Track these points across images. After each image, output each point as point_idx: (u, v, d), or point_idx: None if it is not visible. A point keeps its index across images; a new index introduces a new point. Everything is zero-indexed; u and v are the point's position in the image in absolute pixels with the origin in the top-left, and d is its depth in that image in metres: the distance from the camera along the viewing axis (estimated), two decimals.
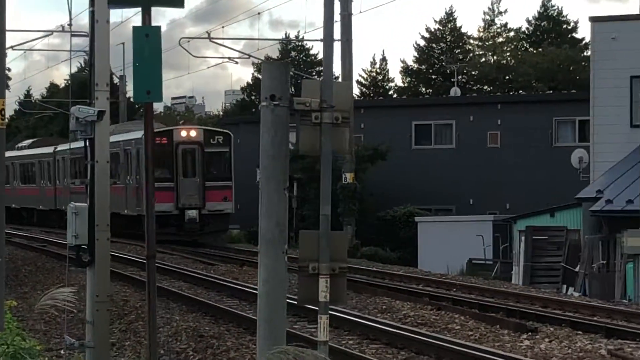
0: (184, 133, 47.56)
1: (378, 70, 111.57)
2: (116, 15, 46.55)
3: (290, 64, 57.50)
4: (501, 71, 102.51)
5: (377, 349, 20.91)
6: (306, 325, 22.22)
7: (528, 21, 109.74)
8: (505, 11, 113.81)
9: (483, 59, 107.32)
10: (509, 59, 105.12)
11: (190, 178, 44.51)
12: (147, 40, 11.42)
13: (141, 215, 44.49)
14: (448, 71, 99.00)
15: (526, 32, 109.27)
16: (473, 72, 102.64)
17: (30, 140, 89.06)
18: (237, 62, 66.07)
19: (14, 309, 20.03)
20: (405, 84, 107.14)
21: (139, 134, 46.87)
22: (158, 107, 72.98)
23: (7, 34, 17.76)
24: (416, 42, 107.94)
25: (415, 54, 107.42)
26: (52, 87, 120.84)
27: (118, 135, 53.12)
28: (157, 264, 31.64)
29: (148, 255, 11.45)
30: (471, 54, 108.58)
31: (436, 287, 34.06)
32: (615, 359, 19.72)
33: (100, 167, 12.79)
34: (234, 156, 51.37)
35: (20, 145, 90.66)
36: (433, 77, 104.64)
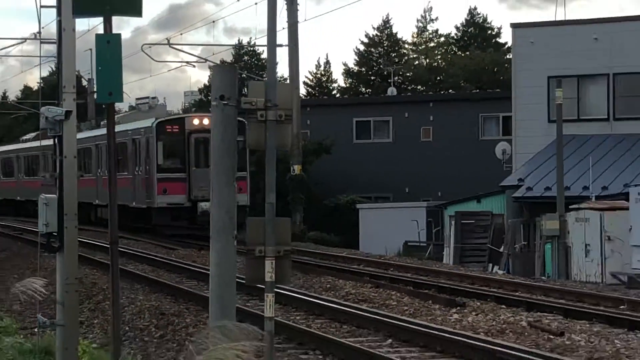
0: (196, 121, 43.31)
1: (322, 73, 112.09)
2: (84, 24, 45.32)
3: (238, 67, 57.02)
4: (433, 73, 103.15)
5: (322, 324, 20.90)
6: (258, 302, 22.14)
7: (457, 27, 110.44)
8: (437, 19, 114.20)
9: (417, 62, 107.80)
10: (439, 61, 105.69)
11: (203, 168, 39.65)
12: (109, 46, 11.36)
13: (151, 207, 42.72)
14: (385, 73, 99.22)
15: (455, 37, 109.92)
16: (408, 74, 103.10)
17: (34, 133, 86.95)
18: (194, 66, 65.66)
19: None
20: (347, 85, 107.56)
21: (148, 122, 44.74)
22: (123, 106, 71.83)
23: None
24: (356, 47, 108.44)
25: (356, 57, 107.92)
26: (26, 90, 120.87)
27: (125, 124, 48.91)
28: (123, 249, 31.71)
29: (111, 241, 11.37)
30: (406, 57, 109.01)
31: (375, 267, 34.11)
32: (534, 330, 19.81)
33: (68, 161, 12.68)
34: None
35: (24, 138, 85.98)
36: (372, 78, 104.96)
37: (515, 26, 54.06)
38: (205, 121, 42.25)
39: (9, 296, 15.50)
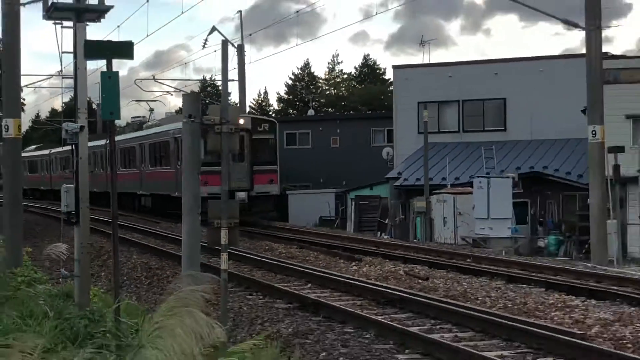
0: None
1: (262, 99, 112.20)
2: (93, 64, 44.49)
3: (202, 95, 55.96)
4: (339, 99, 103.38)
5: (262, 274, 20.94)
6: (217, 260, 22.10)
7: (355, 68, 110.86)
8: (342, 62, 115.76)
9: (328, 92, 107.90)
10: (344, 91, 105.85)
11: (239, 162, 35.11)
12: (110, 80, 11.21)
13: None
14: (306, 99, 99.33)
15: (354, 75, 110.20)
16: (322, 100, 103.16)
17: (34, 146, 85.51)
18: (172, 94, 64.83)
19: (30, 253, 19.65)
20: (279, 108, 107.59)
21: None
22: (120, 122, 71.08)
23: (22, 77, 17.46)
24: (286, 81, 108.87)
25: (286, 88, 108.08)
26: (53, 111, 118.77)
27: (168, 125, 43.33)
28: (122, 223, 31.40)
29: (113, 216, 11.24)
30: (320, 89, 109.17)
31: (299, 234, 34.01)
32: (408, 276, 19.90)
33: (82, 162, 12.55)
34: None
35: (27, 148, 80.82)
36: (297, 103, 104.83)
37: (395, 67, 54.51)
38: (241, 121, 37.61)
39: (42, 257, 15.30)
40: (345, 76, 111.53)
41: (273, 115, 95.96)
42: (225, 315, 11.75)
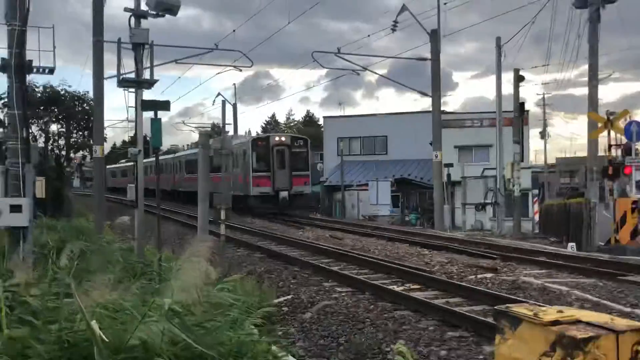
0: (277, 138, 33.51)
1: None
2: (149, 113, 43.22)
3: (211, 133, 54.25)
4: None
5: (247, 237, 20.81)
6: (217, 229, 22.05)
7: (302, 117, 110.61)
8: (294, 114, 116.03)
9: (286, 132, 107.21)
10: (295, 132, 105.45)
11: (282, 169, 31.96)
12: (156, 122, 11.16)
13: (248, 195, 31.74)
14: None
15: (301, 121, 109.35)
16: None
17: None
18: (193, 131, 64.64)
19: (109, 225, 19.37)
20: None
21: (246, 139, 31.41)
22: (163, 149, 69.48)
23: (105, 121, 17.32)
24: (261, 124, 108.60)
25: (261, 129, 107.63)
26: (123, 142, 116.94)
27: (236, 140, 32.77)
28: (167, 208, 30.93)
29: (157, 204, 11.17)
30: (281, 130, 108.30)
31: (271, 215, 33.86)
32: (331, 237, 19.92)
33: (140, 172, 12.45)
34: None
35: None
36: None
37: (325, 117, 55.33)
38: (283, 138, 34.34)
39: (114, 225, 15.14)
40: (296, 122, 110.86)
41: None
42: (223, 261, 11.71)
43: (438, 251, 16.03)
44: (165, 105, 11.24)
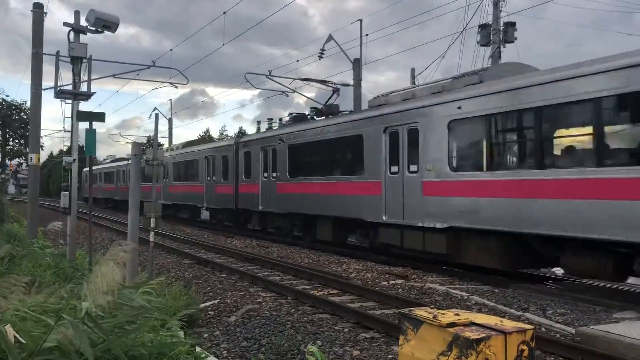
0: None
1: None
2: (84, 123, 40.34)
3: (144, 144, 52.27)
4: None
5: (176, 245, 20.29)
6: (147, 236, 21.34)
7: (220, 133, 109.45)
8: (227, 130, 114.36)
9: None
10: None
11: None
12: (90, 133, 10.71)
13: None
14: None
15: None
16: None
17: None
18: (129, 142, 62.63)
19: (42, 231, 18.40)
20: None
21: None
22: (98, 158, 66.76)
23: (42, 130, 16.48)
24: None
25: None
26: (60, 151, 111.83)
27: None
28: (99, 215, 29.62)
29: (89, 210, 10.70)
30: None
31: (200, 222, 33.09)
32: (258, 246, 19.59)
33: (73, 178, 11.92)
34: None
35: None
36: None
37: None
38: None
39: (46, 230, 14.40)
40: (229, 138, 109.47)
41: None
42: (151, 267, 11.32)
43: (355, 259, 16.13)
44: (100, 117, 10.82)
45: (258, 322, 8.73)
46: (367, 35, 25.22)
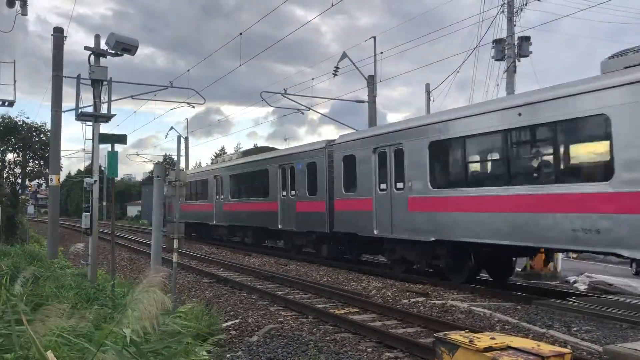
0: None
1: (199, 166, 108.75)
2: (107, 146, 40.58)
3: (165, 164, 52.76)
4: None
5: (196, 263, 20.36)
6: (170, 256, 21.48)
7: (235, 151, 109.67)
8: (242, 147, 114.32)
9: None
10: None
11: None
12: (112, 155, 10.83)
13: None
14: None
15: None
16: None
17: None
18: (150, 162, 63.19)
19: (62, 250, 18.58)
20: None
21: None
22: (117, 179, 67.31)
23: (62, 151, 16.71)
24: (211, 157, 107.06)
25: (210, 161, 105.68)
26: (79, 171, 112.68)
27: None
28: (120, 235, 29.89)
29: (112, 230, 10.78)
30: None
31: (217, 241, 33.29)
32: (276, 264, 19.55)
33: (94, 200, 12.02)
34: None
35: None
36: None
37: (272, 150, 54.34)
38: None
39: (69, 251, 14.53)
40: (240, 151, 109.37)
41: None
42: (174, 289, 11.36)
43: (375, 276, 16.06)
44: (122, 139, 10.95)
45: (280, 342, 8.72)
46: (381, 52, 25.26)
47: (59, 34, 17.13)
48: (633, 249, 9.39)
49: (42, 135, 29.69)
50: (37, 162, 30.28)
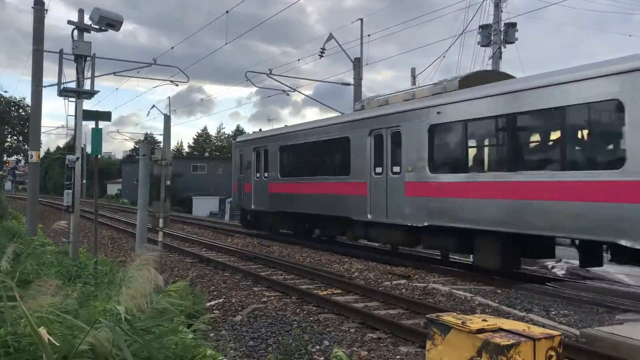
0: None
1: (179, 146, 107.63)
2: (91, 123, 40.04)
3: (150, 142, 52.84)
4: (223, 148, 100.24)
5: (177, 243, 20.31)
6: (155, 236, 21.39)
7: (232, 132, 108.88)
8: (225, 127, 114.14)
9: (217, 144, 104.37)
10: (225, 144, 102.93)
11: None
12: (96, 132, 10.69)
13: None
14: (205, 148, 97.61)
15: (232, 135, 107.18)
16: (213, 148, 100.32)
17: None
18: (133, 140, 62.61)
19: (42, 228, 18.36)
20: (189, 151, 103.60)
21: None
22: (101, 156, 66.28)
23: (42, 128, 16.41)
24: (193, 136, 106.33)
25: (193, 141, 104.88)
26: (58, 148, 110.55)
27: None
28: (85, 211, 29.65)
29: (95, 209, 10.67)
30: (212, 142, 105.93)
31: (198, 221, 33.20)
32: (259, 245, 19.56)
33: (77, 177, 11.87)
34: None
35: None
36: (202, 150, 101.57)
37: (235, 138, 54.42)
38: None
39: (50, 229, 14.34)
40: (226, 136, 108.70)
41: (185, 155, 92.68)
42: (160, 268, 11.32)
43: (357, 258, 16.15)
44: (106, 116, 10.81)
45: (264, 322, 8.76)
46: (368, 35, 25.18)
47: (39, 7, 16.71)
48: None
49: (20, 110, 29.17)
50: (15, 137, 29.80)
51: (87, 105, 26.00)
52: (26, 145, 25.99)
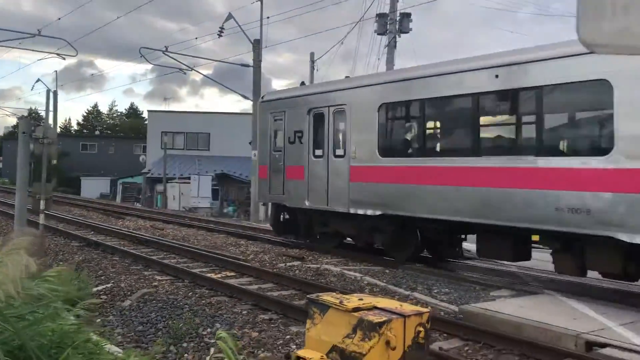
0: None
1: (68, 124, 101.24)
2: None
3: (30, 118, 49.30)
4: (115, 127, 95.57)
5: (69, 226, 19.27)
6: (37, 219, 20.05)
7: (125, 109, 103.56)
8: (117, 105, 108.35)
9: (108, 122, 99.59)
10: (118, 122, 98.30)
11: None
12: None
13: None
14: (96, 126, 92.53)
15: (125, 113, 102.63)
16: (104, 126, 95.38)
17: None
18: (9, 115, 58.38)
19: None
20: (78, 129, 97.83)
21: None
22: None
23: None
24: (83, 114, 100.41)
25: (82, 118, 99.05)
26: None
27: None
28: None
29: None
30: (104, 120, 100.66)
31: (86, 203, 31.70)
32: (152, 228, 19.16)
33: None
34: None
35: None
36: (93, 129, 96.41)
37: (150, 111, 52.88)
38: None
39: None
40: (119, 114, 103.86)
41: (74, 133, 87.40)
42: (42, 251, 10.72)
43: (253, 241, 16.20)
44: None
45: (154, 306, 8.60)
46: (268, 17, 25.09)
47: None
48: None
49: None
50: None
51: None
52: None
